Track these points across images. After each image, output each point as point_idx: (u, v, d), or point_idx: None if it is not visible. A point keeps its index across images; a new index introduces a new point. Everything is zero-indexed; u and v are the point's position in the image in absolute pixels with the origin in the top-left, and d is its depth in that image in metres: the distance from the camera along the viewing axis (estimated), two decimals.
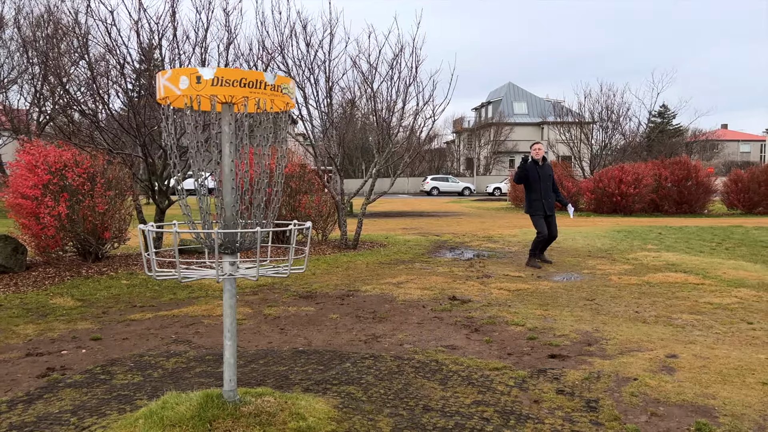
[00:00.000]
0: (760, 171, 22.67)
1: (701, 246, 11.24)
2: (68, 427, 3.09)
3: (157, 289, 7.11)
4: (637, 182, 20.91)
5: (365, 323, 5.48)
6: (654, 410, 3.29)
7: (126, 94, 8.64)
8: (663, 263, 8.86)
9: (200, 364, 4.29)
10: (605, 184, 21.22)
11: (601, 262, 9.05)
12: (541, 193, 8.54)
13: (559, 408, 3.35)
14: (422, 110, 10.58)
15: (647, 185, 21.17)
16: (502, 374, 3.95)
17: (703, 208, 22.18)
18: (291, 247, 2.87)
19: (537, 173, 8.58)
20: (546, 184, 8.58)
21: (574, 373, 3.93)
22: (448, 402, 3.42)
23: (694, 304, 6.02)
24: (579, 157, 28.11)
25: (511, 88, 59.41)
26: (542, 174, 8.59)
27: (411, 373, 3.95)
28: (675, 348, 4.45)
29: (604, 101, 27.66)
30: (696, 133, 52.53)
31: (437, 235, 13.30)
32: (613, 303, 6.15)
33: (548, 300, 6.34)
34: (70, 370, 4.18)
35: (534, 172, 8.59)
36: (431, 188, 43.78)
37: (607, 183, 21.17)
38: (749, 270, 8.14)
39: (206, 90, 2.55)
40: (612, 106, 27.69)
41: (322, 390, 3.58)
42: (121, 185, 8.26)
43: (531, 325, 5.24)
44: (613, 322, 5.33)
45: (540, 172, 8.60)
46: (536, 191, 8.58)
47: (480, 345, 4.70)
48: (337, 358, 4.34)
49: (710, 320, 5.33)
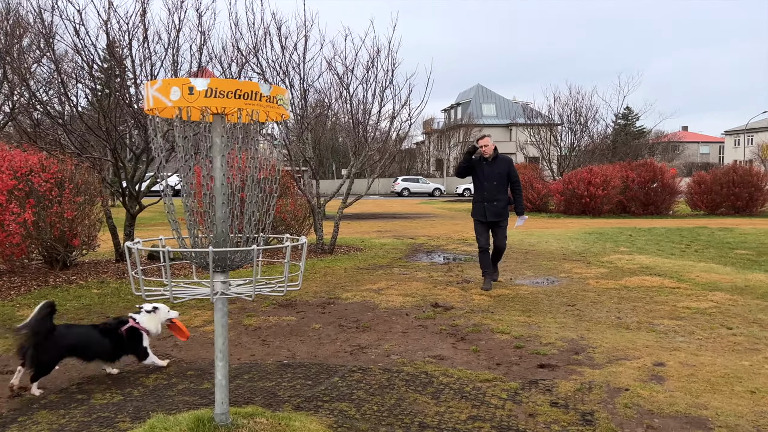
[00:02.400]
0: (721, 173, 23.31)
1: (671, 248, 11.46)
2: None
3: (130, 299, 6.88)
4: (606, 184, 21.27)
5: (349, 333, 5.38)
6: (649, 422, 3.29)
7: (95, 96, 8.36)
8: (637, 266, 8.99)
9: (182, 380, 4.14)
10: (574, 186, 21.53)
11: (577, 266, 9.13)
12: (484, 195, 7.13)
13: (555, 422, 3.31)
14: (399, 113, 10.53)
15: (615, 187, 21.55)
16: (494, 386, 3.91)
17: (669, 209, 22.69)
18: (286, 263, 2.76)
19: (482, 170, 7.14)
20: (492, 184, 7.09)
21: (566, 384, 3.91)
22: (443, 418, 3.36)
23: (673, 309, 6.10)
24: (549, 159, 28.48)
25: (480, 90, 59.95)
26: (489, 172, 7.10)
27: (402, 387, 3.88)
28: (661, 355, 4.48)
29: (573, 104, 28.11)
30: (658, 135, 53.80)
31: (412, 238, 13.27)
32: (594, 308, 6.19)
33: (530, 306, 6.34)
34: (44, 389, 3.97)
35: (479, 169, 7.17)
36: (402, 189, 43.84)
37: (577, 185, 21.49)
38: (721, 273, 8.31)
39: (199, 101, 2.44)
40: (580, 109, 28.15)
41: (314, 408, 3.48)
42: (90, 190, 7.98)
43: (516, 333, 5.22)
44: (597, 328, 5.35)
45: (486, 169, 7.12)
46: (479, 191, 7.22)
47: (468, 355, 4.66)
48: (324, 372, 4.24)
49: (691, 326, 5.40)
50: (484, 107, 58.24)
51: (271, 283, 2.90)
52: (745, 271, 8.56)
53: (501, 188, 7.14)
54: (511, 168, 7.25)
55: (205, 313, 6.11)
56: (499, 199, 7.13)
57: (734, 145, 71.12)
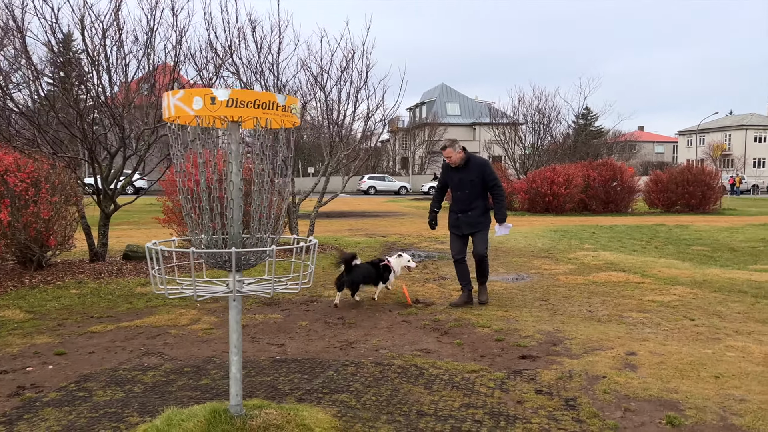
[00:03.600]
0: (677, 172, 24.28)
1: (633, 245, 11.99)
2: None
3: (110, 299, 6.90)
4: (568, 183, 21.91)
5: (336, 329, 5.56)
6: (627, 406, 3.58)
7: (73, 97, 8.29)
8: (603, 262, 9.41)
9: (180, 376, 4.25)
10: (538, 185, 22.10)
11: (546, 262, 9.51)
12: (457, 205, 6.51)
13: (542, 407, 3.58)
14: (374, 114, 10.73)
15: (577, 186, 22.23)
16: (481, 376, 4.15)
17: (628, 207, 23.51)
18: (302, 263, 2.93)
19: (452, 179, 6.56)
20: (464, 192, 6.44)
21: (548, 373, 4.19)
22: (438, 406, 3.58)
23: (639, 302, 6.48)
24: (513, 158, 29.10)
25: (444, 89, 60.56)
26: (458, 180, 6.46)
27: (395, 379, 4.09)
28: (632, 346, 4.81)
29: (537, 105, 28.80)
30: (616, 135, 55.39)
31: (384, 237, 13.49)
32: (567, 303, 6.52)
33: (506, 301, 6.63)
34: (42, 387, 4.04)
35: (449, 178, 6.60)
36: (368, 187, 44.05)
37: (540, 184, 22.07)
38: (680, 268, 8.79)
39: (221, 111, 2.58)
40: (544, 110, 28.87)
41: (316, 399, 3.66)
42: (66, 190, 7.92)
43: (496, 326, 5.49)
44: (571, 321, 5.67)
45: (455, 177, 6.49)
46: (452, 201, 6.60)
47: (452, 348, 4.90)
48: (318, 366, 4.41)
49: (657, 318, 5.77)
50: (449, 106, 58.90)
51: (281, 281, 3.06)
52: (702, 266, 9.07)
53: (474, 196, 6.41)
54: (486, 171, 6.43)
55: (190, 312, 6.19)
56: (474, 207, 6.43)
57: (687, 145, 73.74)
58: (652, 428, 3.27)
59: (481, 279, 6.58)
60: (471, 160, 6.49)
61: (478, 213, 6.45)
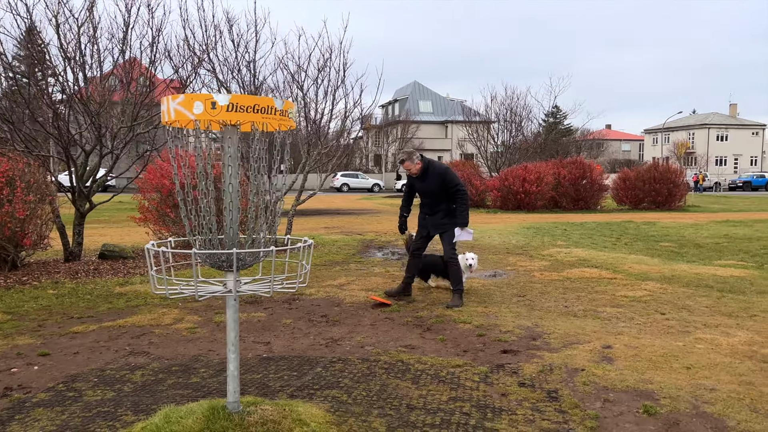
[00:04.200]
0: (644, 170, 24.94)
1: (604, 241, 12.32)
2: None
3: (89, 299, 6.85)
4: (539, 181, 22.33)
5: (320, 327, 5.64)
6: (606, 396, 3.75)
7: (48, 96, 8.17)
8: (575, 259, 9.67)
9: (169, 375, 4.28)
10: (510, 183, 22.46)
11: (521, 259, 9.73)
12: (425, 209, 6.76)
13: (525, 399, 3.73)
14: (351, 112, 10.81)
15: (548, 183, 22.66)
16: (466, 371, 4.29)
17: (597, 205, 24.07)
18: (300, 263, 3.02)
19: (417, 186, 6.77)
20: (430, 199, 6.65)
21: (529, 366, 4.35)
22: (427, 400, 3.70)
23: (612, 297, 6.71)
24: (486, 157, 29.45)
25: (417, 87, 60.81)
26: (422, 187, 6.66)
27: (383, 374, 4.20)
28: (608, 339, 5.01)
29: (509, 104, 29.20)
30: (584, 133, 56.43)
31: (360, 234, 13.58)
32: (543, 299, 6.72)
33: (485, 297, 6.80)
34: (30, 388, 4.03)
35: (415, 185, 6.81)
36: (341, 185, 44.05)
37: (512, 182, 22.43)
38: (650, 264, 9.10)
39: (221, 115, 2.65)
40: (516, 109, 29.29)
41: (308, 395, 3.74)
42: (42, 189, 7.82)
43: (477, 322, 5.64)
44: (549, 317, 5.86)
45: (419, 185, 6.69)
46: (421, 205, 6.84)
47: (436, 344, 5.03)
48: (306, 364, 4.49)
49: (630, 312, 6.00)
50: (421, 104, 59.18)
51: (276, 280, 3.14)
52: (670, 262, 9.40)
53: (438, 202, 6.56)
54: (446, 178, 6.49)
55: (172, 312, 6.20)
56: (438, 210, 6.59)
57: (653, 143, 75.49)
58: (630, 417, 3.44)
59: (454, 286, 6.59)
60: (429, 170, 6.58)
61: (441, 215, 6.58)
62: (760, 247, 11.27)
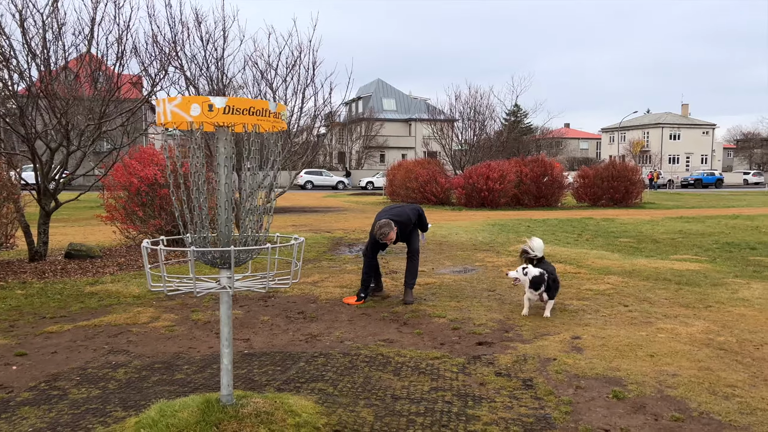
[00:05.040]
0: (602, 168, 25.69)
1: (566, 237, 12.73)
2: None
3: (60, 299, 6.77)
4: (502, 179, 22.79)
5: (298, 323, 5.74)
6: (577, 384, 3.98)
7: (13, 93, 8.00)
8: None
9: (152, 372, 4.32)
10: (474, 181, 22.86)
11: (488, 255, 9.99)
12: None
13: (503, 388, 3.92)
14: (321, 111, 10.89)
15: (511, 181, 23.15)
16: (444, 362, 4.46)
17: (557, 202, 24.69)
18: (293, 260, 3.12)
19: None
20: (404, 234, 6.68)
21: (504, 357, 4.55)
22: (410, 390, 3.86)
23: (578, 291, 7.00)
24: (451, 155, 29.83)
25: (380, 85, 60.95)
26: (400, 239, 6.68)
27: (365, 367, 4.33)
28: (576, 330, 5.26)
29: (472, 103, 29.65)
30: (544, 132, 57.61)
31: (329, 232, 13.66)
32: (512, 293, 6.96)
33: (456, 292, 7.00)
34: (11, 388, 4.02)
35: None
36: (305, 182, 43.87)
37: (477, 179, 22.83)
38: (611, 259, 9.48)
39: (218, 118, 2.73)
40: (479, 108, 29.76)
41: (295, 388, 3.85)
42: (8, 188, 7.67)
43: (451, 316, 5.83)
44: (519, 310, 6.09)
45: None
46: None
47: (413, 337, 5.19)
48: (289, 359, 4.59)
49: (595, 305, 6.28)
50: (385, 102, 59.38)
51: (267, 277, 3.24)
52: (630, 257, 9.80)
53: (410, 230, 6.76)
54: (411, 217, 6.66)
55: (148, 311, 6.19)
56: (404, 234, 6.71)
57: (610, 142, 77.56)
58: (601, 402, 3.67)
59: (410, 281, 6.61)
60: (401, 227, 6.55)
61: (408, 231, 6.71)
62: (712, 242, 11.83)
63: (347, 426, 3.25)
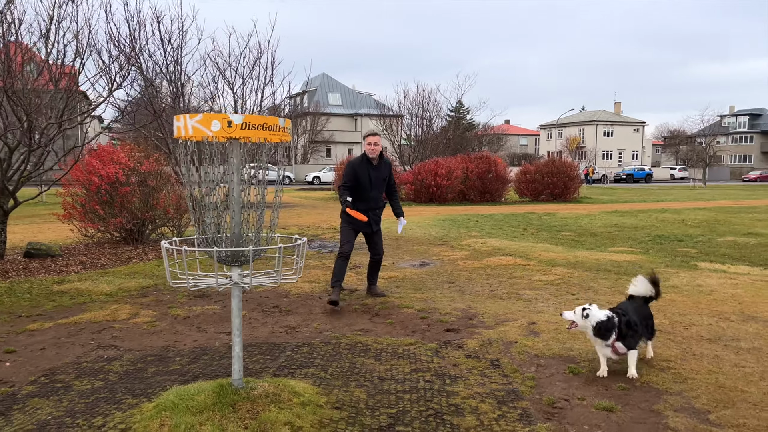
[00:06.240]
0: (543, 164, 26.88)
1: (513, 232, 13.48)
2: (79, 428, 3.36)
3: (30, 298, 6.84)
4: (450, 175, 23.55)
5: (275, 316, 6.08)
6: (538, 362, 4.53)
7: None
8: (491, 248, 10.64)
9: (148, 365, 4.59)
10: (423, 177, 23.52)
11: (443, 249, 10.56)
12: (369, 204, 6.41)
13: (474, 368, 4.42)
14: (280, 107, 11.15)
15: (457, 177, 23.94)
16: (418, 347, 4.93)
17: (501, 197, 25.70)
18: (296, 258, 3.50)
19: (368, 176, 6.35)
20: (378, 192, 6.46)
21: (471, 341, 5.06)
22: (393, 372, 4.30)
23: (529, 281, 7.63)
24: (400, 151, 30.43)
25: (326, 79, 60.92)
26: (376, 178, 6.38)
27: (348, 354, 4.75)
28: (532, 317, 5.85)
29: (420, 101, 30.35)
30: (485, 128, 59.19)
31: (284, 229, 13.91)
32: (470, 284, 7.52)
33: (419, 285, 7.50)
34: (12, 382, 4.20)
35: (365, 173, 6.34)
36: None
37: (425, 175, 23.50)
38: (556, 252, 10.22)
39: (236, 133, 3.08)
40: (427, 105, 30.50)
41: (290, 374, 4.22)
42: None
43: (418, 307, 6.31)
44: (479, 300, 6.64)
45: (372, 174, 6.35)
46: (363, 200, 6.38)
47: (386, 327, 5.64)
48: (275, 349, 4.95)
49: (546, 294, 6.91)
50: (330, 96, 59.45)
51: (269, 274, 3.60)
52: (572, 249, 10.59)
53: (381, 194, 6.56)
54: (391, 171, 6.64)
55: (124, 308, 6.37)
56: (380, 206, 6.58)
57: (547, 138, 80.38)
58: (559, 377, 4.23)
59: (376, 278, 6.92)
60: (383, 158, 6.55)
61: (381, 210, 6.66)
62: (644, 234, 12.84)
63: (345, 403, 3.67)
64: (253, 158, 3.54)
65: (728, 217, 16.84)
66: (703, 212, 18.83)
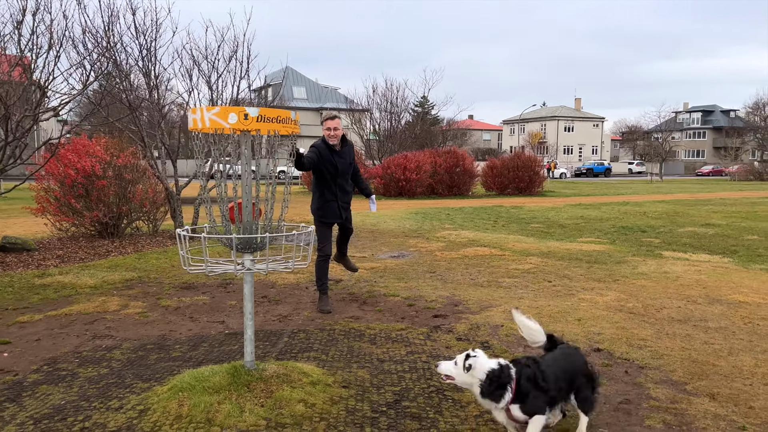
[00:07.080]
0: (508, 159, 27.44)
1: (484, 224, 13.84)
2: (97, 410, 3.46)
3: (13, 291, 6.81)
4: (419, 169, 23.86)
5: (265, 306, 6.21)
6: (525, 343, 4.80)
7: None
8: (466, 240, 10.94)
9: (149, 352, 4.68)
10: (392, 171, 23.77)
11: (420, 241, 10.81)
12: (337, 193, 5.90)
13: (466, 350, 4.66)
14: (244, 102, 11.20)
15: (426, 171, 24.27)
16: (410, 332, 5.16)
17: (469, 191, 26.16)
18: (303, 246, 3.67)
19: (334, 163, 5.79)
20: (345, 179, 5.97)
21: (460, 326, 5.31)
22: (390, 354, 4.51)
23: (507, 270, 7.94)
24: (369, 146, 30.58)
25: (290, 72, 60.49)
26: (342, 164, 5.85)
27: (344, 339, 4.94)
28: (514, 302, 6.14)
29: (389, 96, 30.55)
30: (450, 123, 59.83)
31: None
32: (451, 274, 7.78)
33: (401, 275, 7.72)
34: (15, 371, 4.25)
35: (329, 159, 5.75)
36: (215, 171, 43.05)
37: (394, 170, 23.76)
38: (528, 242, 10.59)
39: (252, 125, 3.23)
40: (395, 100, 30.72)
41: (293, 358, 4.39)
42: None
43: (404, 295, 6.54)
44: (461, 288, 6.91)
45: (338, 160, 5.80)
46: (329, 189, 5.87)
47: (376, 314, 5.84)
48: (272, 336, 5.10)
49: (524, 282, 7.23)
50: (295, 90, 59.15)
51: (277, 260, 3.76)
52: (543, 240, 10.98)
53: (348, 181, 6.06)
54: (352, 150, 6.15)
55: (113, 299, 6.41)
56: (349, 192, 6.09)
57: (510, 133, 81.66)
58: None
59: (346, 248, 6.46)
60: (347, 142, 5.99)
61: (350, 197, 6.15)
62: (609, 226, 13.36)
63: (351, 383, 3.86)
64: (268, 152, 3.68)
65: (686, 209, 17.60)
66: (662, 205, 19.60)
